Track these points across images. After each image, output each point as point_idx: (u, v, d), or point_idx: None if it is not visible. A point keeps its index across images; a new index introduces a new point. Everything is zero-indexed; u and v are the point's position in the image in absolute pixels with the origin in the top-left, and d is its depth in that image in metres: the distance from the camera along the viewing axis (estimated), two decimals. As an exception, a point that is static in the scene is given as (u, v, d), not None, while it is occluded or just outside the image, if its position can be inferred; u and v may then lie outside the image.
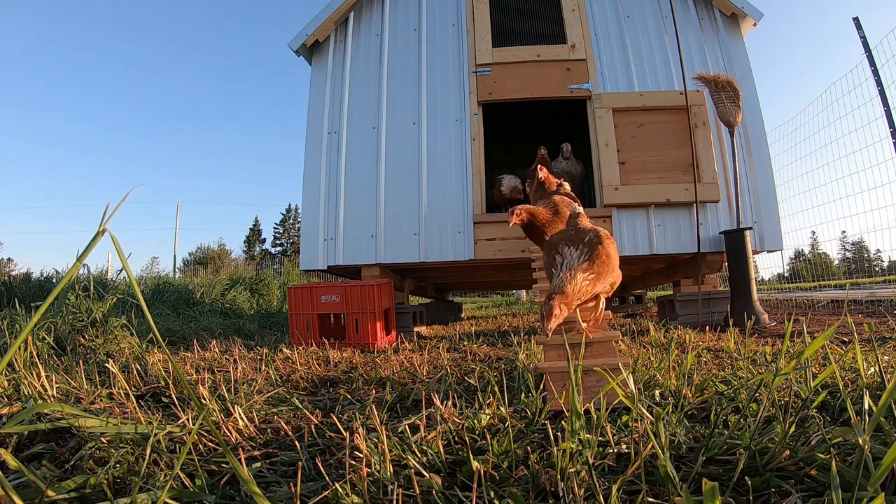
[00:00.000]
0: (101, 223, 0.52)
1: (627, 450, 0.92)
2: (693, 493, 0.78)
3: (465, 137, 4.01)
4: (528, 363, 1.81)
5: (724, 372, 1.65)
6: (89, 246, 0.53)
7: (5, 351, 0.79)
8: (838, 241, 10.76)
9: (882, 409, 0.72)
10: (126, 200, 0.55)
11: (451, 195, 3.92)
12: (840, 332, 2.63)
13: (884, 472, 0.64)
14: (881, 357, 1.53)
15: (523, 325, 4.53)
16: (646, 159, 3.85)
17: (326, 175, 4.01)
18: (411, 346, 2.91)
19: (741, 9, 4.11)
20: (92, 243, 0.52)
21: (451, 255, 3.83)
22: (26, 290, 5.85)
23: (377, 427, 0.98)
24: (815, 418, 0.99)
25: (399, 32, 4.32)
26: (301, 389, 1.75)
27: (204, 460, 0.97)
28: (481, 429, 1.09)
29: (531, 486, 0.83)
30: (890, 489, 0.75)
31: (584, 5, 4.25)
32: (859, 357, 1.07)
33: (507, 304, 12.68)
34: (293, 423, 1.23)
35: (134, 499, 0.75)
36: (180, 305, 6.26)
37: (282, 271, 10.22)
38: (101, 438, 1.02)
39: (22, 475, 0.81)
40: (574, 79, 4.08)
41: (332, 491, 0.79)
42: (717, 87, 3.75)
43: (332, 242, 3.89)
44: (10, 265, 17.43)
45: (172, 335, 3.74)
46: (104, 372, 1.69)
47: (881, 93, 4.56)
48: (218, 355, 2.48)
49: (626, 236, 3.79)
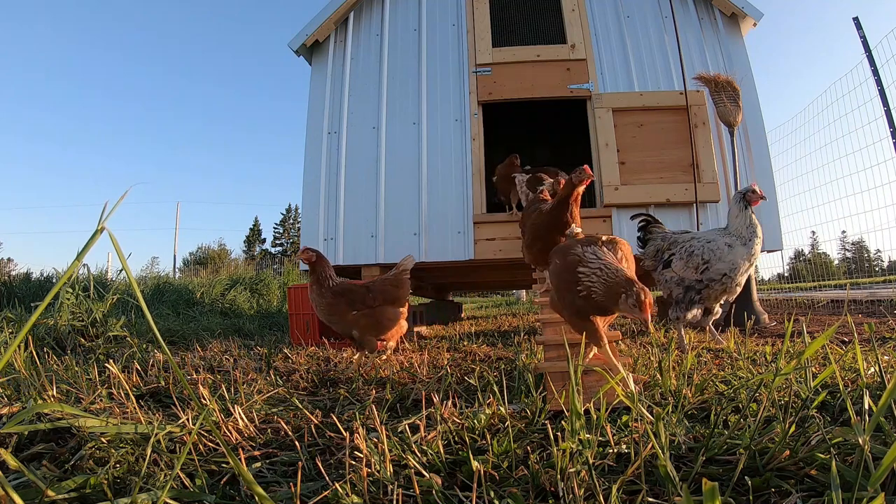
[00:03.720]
0: (100, 222, 0.52)
1: (627, 450, 0.91)
2: (693, 493, 0.78)
3: (465, 137, 4.01)
4: (528, 363, 1.81)
5: (724, 372, 1.65)
6: (88, 244, 0.52)
7: (5, 351, 0.80)
8: (838, 241, 10.76)
9: (882, 409, 0.72)
10: (125, 200, 0.55)
11: (451, 195, 3.92)
12: (840, 332, 2.63)
13: (884, 472, 0.64)
14: (881, 357, 1.53)
15: (523, 325, 4.53)
16: (646, 159, 3.85)
17: (326, 175, 4.01)
18: (411, 346, 2.91)
19: (741, 9, 4.11)
20: (90, 242, 0.52)
21: (451, 255, 3.83)
22: (26, 290, 5.85)
23: (377, 427, 0.98)
24: (815, 418, 0.99)
25: (399, 32, 4.32)
26: (301, 389, 1.75)
27: (204, 460, 0.97)
28: (481, 429, 1.09)
29: (531, 486, 0.83)
30: (890, 489, 0.75)
31: (584, 5, 4.25)
32: (859, 357, 1.07)
33: (507, 304, 12.68)
34: (293, 423, 1.23)
35: (134, 499, 0.75)
36: (180, 305, 6.26)
37: (282, 271, 10.21)
38: (101, 438, 1.01)
39: (22, 475, 0.81)
40: (574, 79, 4.08)
41: (332, 491, 0.79)
42: (717, 87, 3.75)
43: (332, 242, 3.89)
44: (10, 265, 17.43)
45: (172, 335, 3.74)
46: (104, 372, 1.69)
47: (881, 93, 4.56)
48: (218, 355, 2.47)
49: (626, 236, 3.78)
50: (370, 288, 2.29)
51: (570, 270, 1.45)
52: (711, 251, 2.41)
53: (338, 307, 2.18)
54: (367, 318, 2.23)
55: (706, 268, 2.40)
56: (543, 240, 2.48)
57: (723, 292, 2.42)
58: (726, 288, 2.40)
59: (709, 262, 2.40)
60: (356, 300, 2.23)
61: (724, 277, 2.38)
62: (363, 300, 2.24)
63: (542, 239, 2.50)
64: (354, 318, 2.19)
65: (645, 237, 2.87)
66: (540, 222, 2.52)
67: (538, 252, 2.55)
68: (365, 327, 2.22)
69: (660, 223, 2.91)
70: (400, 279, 2.37)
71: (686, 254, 2.50)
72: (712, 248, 2.42)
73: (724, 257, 2.38)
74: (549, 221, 2.45)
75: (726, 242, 2.41)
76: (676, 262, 2.53)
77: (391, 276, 2.39)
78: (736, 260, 2.36)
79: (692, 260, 2.45)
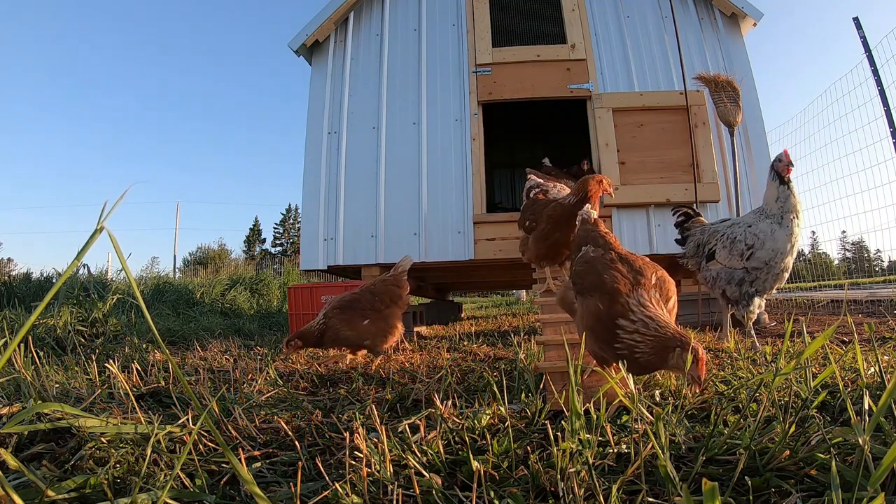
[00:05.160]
0: (99, 221, 0.52)
1: (627, 450, 0.91)
2: (693, 493, 0.78)
3: (466, 137, 4.01)
4: (528, 363, 1.81)
5: (724, 372, 1.65)
6: (87, 244, 0.53)
7: (4, 351, 0.80)
8: (838, 241, 10.76)
9: (882, 409, 0.72)
10: (125, 200, 0.55)
11: (451, 195, 3.92)
12: (840, 332, 2.63)
13: (884, 472, 0.64)
14: (881, 357, 1.53)
15: (523, 325, 4.53)
16: (646, 159, 3.85)
17: (326, 175, 4.01)
18: (411, 346, 2.91)
19: (741, 9, 4.11)
20: (90, 241, 0.52)
21: (451, 254, 3.83)
22: (26, 291, 5.85)
23: (377, 427, 0.98)
24: (815, 418, 0.99)
25: (399, 32, 4.32)
26: (301, 389, 1.75)
27: (204, 460, 0.97)
28: (481, 429, 1.09)
29: (531, 486, 0.83)
30: (890, 489, 0.75)
31: (584, 5, 4.25)
32: (859, 357, 1.07)
33: (507, 304, 12.67)
34: (293, 423, 1.23)
35: (134, 499, 0.75)
36: (180, 305, 6.26)
37: (282, 271, 10.21)
38: (101, 438, 1.01)
39: (22, 475, 0.81)
40: (574, 79, 4.08)
41: (332, 491, 0.79)
42: (717, 87, 3.75)
43: (332, 242, 3.90)
44: (10, 265, 17.44)
45: (173, 335, 3.74)
46: (104, 372, 1.69)
47: (881, 93, 4.56)
48: (218, 355, 2.47)
49: (626, 236, 3.79)
50: (374, 291, 2.26)
51: (608, 325, 1.22)
52: (755, 235, 2.23)
53: (351, 320, 2.12)
54: (377, 322, 2.18)
55: (751, 254, 2.23)
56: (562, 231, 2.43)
57: (775, 279, 2.25)
58: (776, 274, 2.22)
59: (753, 248, 2.23)
60: (366, 307, 2.18)
61: (769, 264, 2.20)
62: (372, 306, 2.20)
63: (559, 230, 2.46)
64: (366, 327, 2.14)
65: (684, 234, 2.71)
66: (560, 213, 2.46)
67: (551, 245, 2.50)
68: (377, 333, 2.17)
69: (700, 216, 2.76)
70: (400, 279, 2.36)
71: (729, 241, 2.32)
72: (754, 231, 2.24)
73: (766, 242, 2.19)
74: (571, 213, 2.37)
75: (769, 224, 2.22)
76: (720, 252, 2.37)
77: (391, 277, 2.38)
78: (776, 245, 2.18)
79: (736, 247, 2.28)
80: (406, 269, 2.42)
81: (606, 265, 1.37)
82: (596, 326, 1.28)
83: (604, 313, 1.25)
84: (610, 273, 1.32)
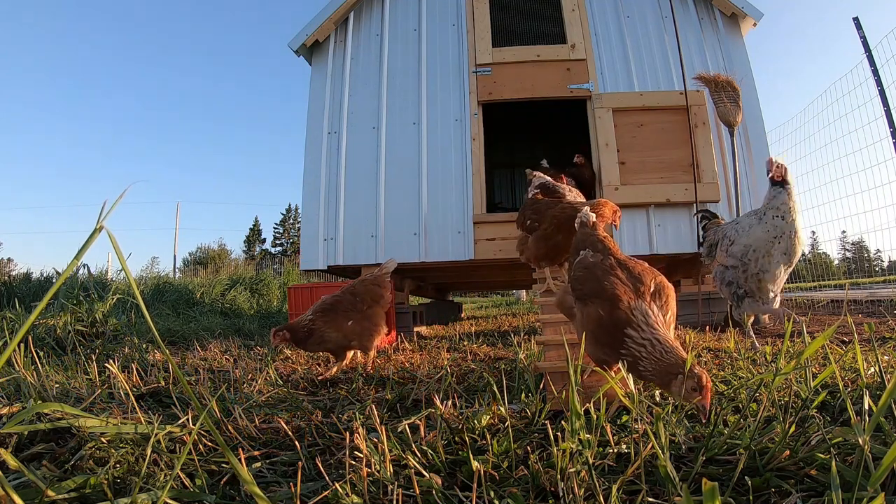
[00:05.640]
0: (99, 221, 0.52)
1: (627, 450, 0.91)
2: (693, 493, 0.78)
3: (466, 137, 4.01)
4: (528, 363, 1.81)
5: (724, 372, 1.65)
6: (86, 244, 0.52)
7: (5, 350, 0.79)
8: (838, 241, 10.75)
9: (882, 409, 0.72)
10: (125, 199, 0.55)
11: (451, 195, 3.92)
12: (840, 332, 2.63)
13: (884, 472, 0.64)
14: (881, 357, 1.53)
15: (523, 325, 4.53)
16: (646, 159, 3.85)
17: (326, 175, 4.01)
18: (411, 346, 2.91)
19: (741, 9, 4.11)
20: (89, 241, 0.52)
21: (451, 254, 3.83)
22: (26, 290, 5.85)
23: (377, 427, 0.98)
24: (815, 418, 0.99)
25: (399, 32, 4.32)
26: (301, 389, 1.75)
27: (204, 460, 0.97)
28: (481, 429, 1.09)
29: (531, 486, 0.83)
30: (890, 489, 0.75)
31: (584, 5, 4.25)
32: (859, 357, 1.07)
33: (507, 304, 12.68)
34: (293, 423, 1.23)
35: (134, 499, 0.75)
36: (180, 305, 6.26)
37: (282, 271, 10.22)
38: (101, 438, 1.01)
39: (22, 475, 0.81)
40: (574, 79, 4.08)
41: (332, 491, 0.79)
42: (717, 87, 3.75)
43: (332, 242, 3.89)
44: (10, 265, 17.45)
45: (172, 335, 3.74)
46: (104, 372, 1.69)
47: (881, 93, 4.56)
48: (218, 355, 2.47)
49: (626, 236, 3.79)
50: (355, 292, 2.27)
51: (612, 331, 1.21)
52: (735, 231, 2.26)
53: (335, 321, 2.15)
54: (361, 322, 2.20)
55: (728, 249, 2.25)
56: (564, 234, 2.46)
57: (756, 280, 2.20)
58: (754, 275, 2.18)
59: (733, 243, 2.25)
60: (348, 308, 2.20)
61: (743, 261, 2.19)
62: (354, 306, 2.22)
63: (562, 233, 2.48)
64: (351, 328, 2.16)
65: (704, 236, 2.73)
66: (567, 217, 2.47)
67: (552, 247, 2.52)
68: (362, 333, 2.19)
69: (717, 217, 2.77)
70: (381, 279, 2.37)
71: (727, 241, 2.34)
72: (736, 227, 2.28)
73: (740, 238, 2.20)
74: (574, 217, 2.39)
75: (748, 220, 2.23)
76: (718, 251, 2.40)
77: (371, 278, 2.39)
78: (751, 241, 2.16)
79: (723, 243, 2.30)
80: (389, 271, 2.43)
81: (606, 271, 1.35)
82: (598, 332, 1.27)
83: (606, 319, 1.24)
84: (609, 279, 1.31)
